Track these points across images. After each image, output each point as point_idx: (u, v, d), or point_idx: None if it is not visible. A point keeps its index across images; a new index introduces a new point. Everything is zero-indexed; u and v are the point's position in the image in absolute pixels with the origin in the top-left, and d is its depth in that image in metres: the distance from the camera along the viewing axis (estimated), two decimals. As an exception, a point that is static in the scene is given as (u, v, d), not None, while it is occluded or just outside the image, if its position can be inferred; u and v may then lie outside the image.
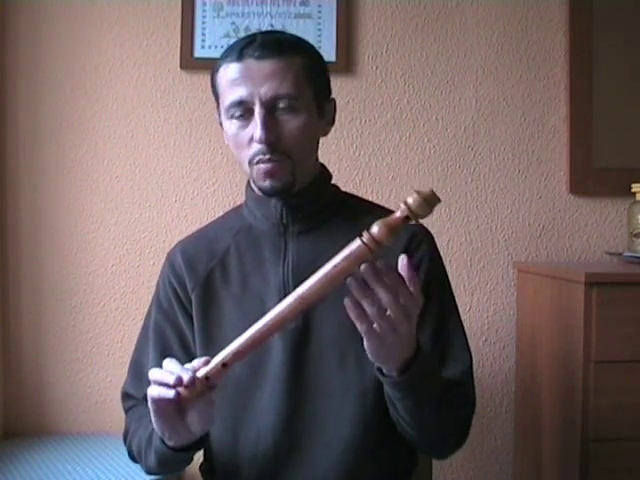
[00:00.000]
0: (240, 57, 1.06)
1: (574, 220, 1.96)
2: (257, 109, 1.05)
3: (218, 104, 1.13)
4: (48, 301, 1.88)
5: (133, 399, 1.20)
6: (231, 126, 1.09)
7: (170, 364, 0.94)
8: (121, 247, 1.90)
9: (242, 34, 1.88)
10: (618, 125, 1.94)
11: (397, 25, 1.93)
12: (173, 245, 1.24)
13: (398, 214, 0.83)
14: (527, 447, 1.85)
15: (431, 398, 1.01)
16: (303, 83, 1.08)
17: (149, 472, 1.13)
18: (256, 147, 1.06)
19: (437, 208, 1.95)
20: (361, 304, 0.86)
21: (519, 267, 1.92)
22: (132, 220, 1.90)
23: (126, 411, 1.22)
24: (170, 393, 0.90)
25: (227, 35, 1.89)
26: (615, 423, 1.52)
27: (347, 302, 0.86)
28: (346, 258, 0.84)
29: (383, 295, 0.85)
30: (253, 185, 1.15)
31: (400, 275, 0.87)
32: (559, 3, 1.95)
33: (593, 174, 1.94)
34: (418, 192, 0.82)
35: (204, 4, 1.88)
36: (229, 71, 1.07)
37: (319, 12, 1.89)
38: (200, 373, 0.91)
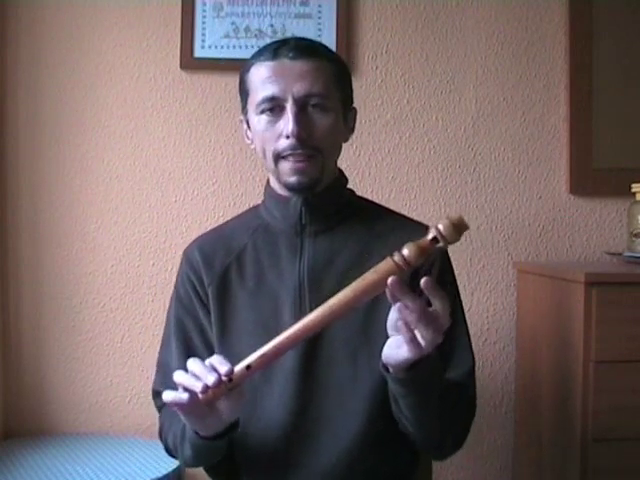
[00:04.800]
0: (275, 56, 1.11)
1: (574, 220, 1.96)
2: (289, 106, 1.09)
3: (245, 102, 1.17)
4: (48, 301, 1.88)
5: None
6: (260, 121, 1.12)
7: (194, 365, 0.94)
8: (121, 247, 1.90)
9: (242, 34, 1.88)
10: (618, 125, 1.94)
11: (397, 25, 1.93)
12: (190, 243, 1.27)
13: (429, 237, 0.86)
14: (527, 447, 1.85)
15: (433, 396, 1.03)
16: (332, 86, 1.13)
17: (187, 465, 1.17)
18: (285, 142, 1.10)
19: (437, 208, 1.96)
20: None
21: (519, 267, 1.92)
22: (132, 220, 1.90)
23: (159, 409, 1.23)
24: (184, 397, 0.92)
25: (227, 35, 1.89)
26: (615, 423, 1.51)
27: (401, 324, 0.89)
28: (377, 275, 0.87)
29: (436, 302, 0.88)
30: (273, 184, 1.19)
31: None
32: (559, 3, 1.95)
33: (593, 174, 1.94)
34: (449, 218, 0.85)
35: (204, 4, 1.88)
36: (262, 69, 1.11)
37: (319, 12, 1.89)
38: (224, 373, 0.91)
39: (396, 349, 0.94)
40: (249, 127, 1.18)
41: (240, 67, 1.92)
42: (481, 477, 1.96)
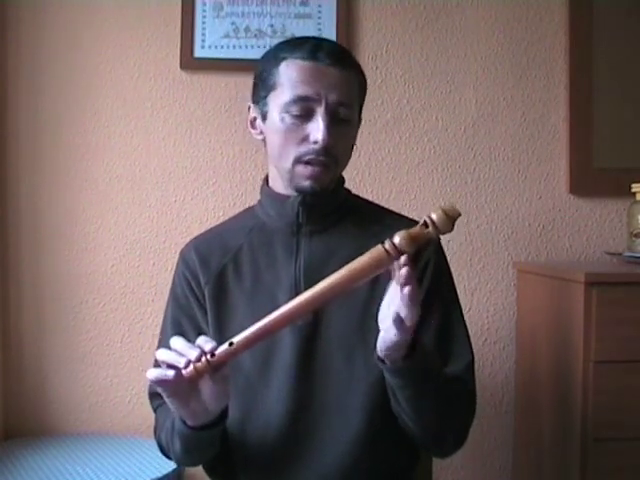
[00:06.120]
0: (312, 58, 1.10)
1: (574, 220, 1.96)
2: (322, 112, 1.09)
3: (266, 94, 1.13)
4: (48, 301, 1.88)
5: (161, 397, 1.21)
6: (285, 119, 1.11)
7: (177, 342, 0.95)
8: (121, 247, 1.90)
9: (242, 34, 1.88)
10: (618, 125, 1.94)
11: (397, 25, 1.93)
12: (186, 243, 1.27)
13: (420, 225, 0.87)
14: (527, 447, 1.85)
15: (431, 388, 1.04)
16: (356, 97, 1.15)
17: (179, 463, 1.18)
18: (310, 147, 1.10)
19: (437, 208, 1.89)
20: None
21: (519, 267, 1.92)
22: (132, 220, 1.90)
23: (155, 410, 1.23)
24: (169, 373, 0.92)
25: (227, 35, 1.88)
26: (615, 423, 1.52)
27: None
28: (367, 261, 0.88)
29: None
30: (272, 183, 1.19)
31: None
32: (559, 3, 1.95)
33: (593, 174, 1.94)
34: (442, 208, 0.86)
35: (204, 4, 1.88)
36: (297, 67, 1.10)
37: (319, 12, 1.89)
38: (207, 350, 0.92)
39: (386, 335, 0.96)
40: (262, 118, 1.16)
41: (240, 67, 1.92)
42: (481, 477, 1.96)
